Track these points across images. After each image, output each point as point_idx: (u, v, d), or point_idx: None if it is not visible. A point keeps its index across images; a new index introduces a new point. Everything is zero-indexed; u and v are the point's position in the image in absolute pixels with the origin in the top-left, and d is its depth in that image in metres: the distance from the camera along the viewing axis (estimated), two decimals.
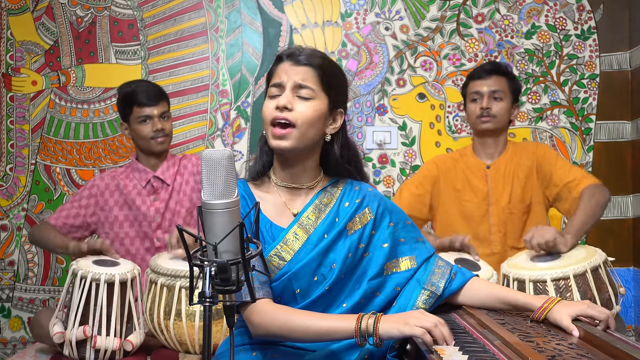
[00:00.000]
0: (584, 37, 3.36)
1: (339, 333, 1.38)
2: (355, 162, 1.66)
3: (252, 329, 1.45)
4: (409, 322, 1.32)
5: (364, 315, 1.37)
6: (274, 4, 3.32)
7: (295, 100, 1.52)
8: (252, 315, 1.43)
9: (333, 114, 1.59)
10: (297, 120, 1.51)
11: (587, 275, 2.01)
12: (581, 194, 2.42)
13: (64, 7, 3.29)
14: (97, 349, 2.13)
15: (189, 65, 3.30)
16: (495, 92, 2.61)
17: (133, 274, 2.22)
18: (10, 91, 3.27)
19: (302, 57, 1.55)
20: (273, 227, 1.56)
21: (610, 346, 1.20)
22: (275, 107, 1.52)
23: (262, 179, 1.63)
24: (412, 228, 1.64)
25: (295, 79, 1.53)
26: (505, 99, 2.62)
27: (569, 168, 2.57)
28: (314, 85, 1.53)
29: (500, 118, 2.61)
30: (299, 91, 1.53)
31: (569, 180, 2.49)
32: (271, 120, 1.52)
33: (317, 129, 1.55)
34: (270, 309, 1.43)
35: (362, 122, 3.31)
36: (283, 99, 1.51)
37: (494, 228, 2.60)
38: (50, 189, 3.25)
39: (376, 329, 1.33)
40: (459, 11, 3.35)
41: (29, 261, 3.24)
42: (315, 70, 1.54)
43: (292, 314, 1.43)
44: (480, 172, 2.65)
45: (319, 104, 1.54)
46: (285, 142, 1.51)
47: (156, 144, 2.69)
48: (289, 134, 1.51)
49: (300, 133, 1.51)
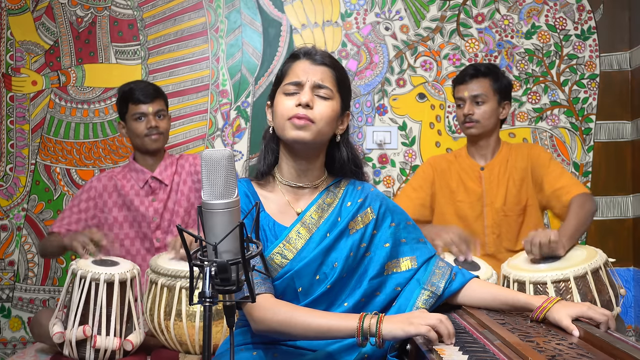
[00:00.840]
0: (584, 37, 3.36)
1: (340, 332, 1.38)
2: (358, 163, 1.67)
3: (253, 324, 1.45)
4: (414, 321, 1.32)
5: (366, 314, 1.37)
6: (274, 4, 3.32)
7: (315, 99, 1.54)
8: (254, 310, 1.43)
9: (343, 115, 1.62)
10: (316, 119, 1.52)
11: (588, 277, 2.01)
12: (570, 202, 2.40)
13: (64, 7, 3.29)
14: (97, 349, 2.13)
15: (189, 65, 3.30)
16: (477, 97, 2.58)
17: (132, 274, 2.22)
18: (10, 91, 3.27)
19: (318, 57, 1.57)
20: (276, 225, 1.56)
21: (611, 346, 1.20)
22: (296, 104, 1.52)
23: (267, 178, 1.63)
24: (413, 229, 1.64)
25: (315, 79, 1.54)
26: (488, 102, 2.58)
27: (560, 174, 2.55)
28: (331, 85, 1.56)
29: (484, 122, 2.59)
30: (318, 91, 1.54)
31: (558, 187, 2.48)
32: (291, 116, 1.53)
33: (331, 128, 1.58)
34: (272, 304, 1.43)
35: (362, 122, 3.31)
36: (305, 96, 1.52)
37: (488, 230, 2.60)
38: (50, 189, 3.25)
39: (379, 329, 1.33)
40: (459, 11, 3.35)
41: (29, 261, 3.24)
42: (332, 70, 1.57)
43: (294, 310, 1.43)
44: (475, 174, 2.65)
45: (335, 104, 1.57)
46: (305, 132, 1.52)
47: (150, 141, 2.69)
48: (308, 125, 1.52)
49: (318, 129, 1.53)
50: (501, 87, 2.61)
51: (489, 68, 2.65)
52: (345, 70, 1.65)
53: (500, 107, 2.63)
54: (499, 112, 2.62)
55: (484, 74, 2.60)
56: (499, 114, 2.63)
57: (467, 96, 2.60)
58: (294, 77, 1.56)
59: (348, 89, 1.63)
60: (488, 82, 2.60)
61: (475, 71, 2.62)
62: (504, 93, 2.63)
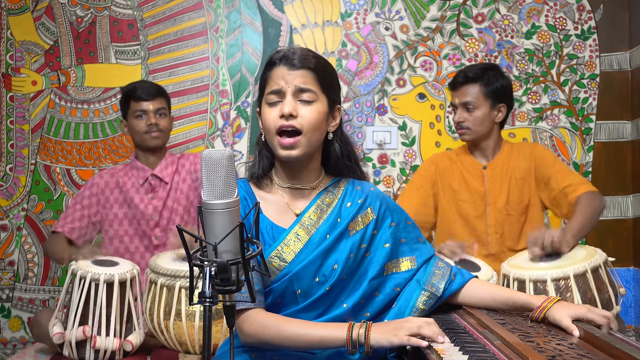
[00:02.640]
0: (584, 37, 3.36)
1: (331, 342, 1.39)
2: (354, 158, 1.64)
3: (243, 337, 1.45)
4: (398, 333, 1.34)
5: (354, 324, 1.38)
6: (274, 4, 3.32)
7: (299, 105, 1.50)
8: (244, 323, 1.43)
9: (333, 112, 1.58)
10: (303, 127, 1.49)
11: (588, 275, 2.01)
12: (578, 199, 2.40)
13: (64, 7, 3.28)
14: (97, 349, 2.13)
15: (189, 65, 3.30)
16: (467, 104, 2.55)
17: (132, 274, 2.22)
18: (10, 91, 3.27)
19: (296, 60, 1.51)
20: (274, 227, 1.55)
21: (611, 346, 1.20)
22: (279, 116, 1.49)
23: (264, 179, 1.61)
24: (412, 228, 1.63)
25: (295, 83, 1.49)
26: (479, 107, 2.55)
27: (567, 172, 2.55)
28: (314, 87, 1.51)
29: (475, 129, 2.57)
30: (301, 95, 1.50)
31: (566, 185, 2.48)
32: (277, 129, 1.49)
33: (321, 131, 1.54)
34: (261, 317, 1.43)
35: (362, 122, 3.31)
36: (287, 106, 1.48)
37: (491, 229, 2.59)
38: (50, 189, 3.25)
39: (367, 338, 1.35)
40: (459, 11, 3.35)
41: (29, 261, 3.24)
42: (312, 72, 1.51)
43: (284, 322, 1.43)
44: (477, 172, 2.64)
45: (320, 105, 1.52)
46: (294, 151, 1.49)
47: (150, 138, 2.71)
48: (297, 142, 1.48)
49: (307, 139, 1.49)
50: (494, 90, 2.55)
51: (480, 72, 2.58)
52: (329, 65, 1.58)
53: (495, 111, 2.57)
54: (493, 116, 2.58)
55: (473, 79, 2.55)
56: (494, 117, 2.58)
57: (457, 103, 2.58)
58: (274, 85, 1.51)
59: (334, 84, 1.58)
60: (478, 87, 2.55)
61: (464, 78, 2.58)
62: (498, 96, 2.56)
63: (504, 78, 2.61)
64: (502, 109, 2.59)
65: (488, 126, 2.58)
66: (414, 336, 1.33)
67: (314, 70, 1.51)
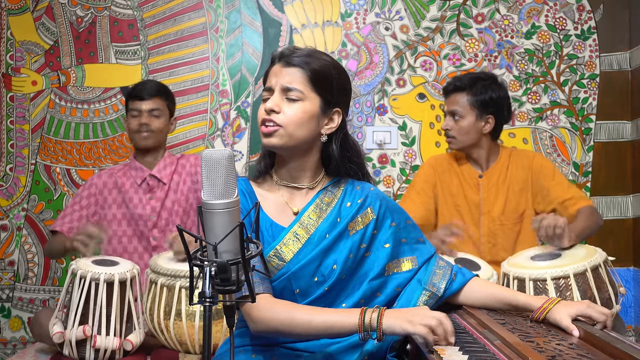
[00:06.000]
0: (584, 37, 3.36)
1: (342, 328, 1.37)
2: (358, 162, 1.64)
3: (252, 324, 1.43)
4: (413, 320, 1.31)
5: (367, 309, 1.37)
6: (274, 4, 3.32)
7: (284, 103, 1.53)
8: (252, 310, 1.42)
9: (328, 113, 1.58)
10: (283, 123, 1.51)
11: (587, 274, 2.01)
12: (579, 211, 2.41)
13: (64, 7, 3.29)
14: (97, 349, 2.13)
15: (189, 65, 3.30)
16: (454, 112, 2.53)
17: (132, 274, 2.22)
18: (10, 91, 3.27)
19: (292, 59, 1.54)
20: (273, 226, 1.55)
21: (611, 346, 1.20)
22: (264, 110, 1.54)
23: (265, 177, 1.63)
24: (412, 228, 1.63)
25: (283, 82, 1.53)
26: (466, 116, 2.51)
27: (567, 185, 2.54)
28: (301, 86, 1.52)
29: (460, 138, 2.53)
30: (287, 93, 1.53)
31: (567, 198, 2.47)
32: (260, 122, 1.55)
33: (308, 129, 1.54)
34: (271, 303, 1.42)
35: (362, 122, 3.31)
36: (270, 102, 1.53)
37: (484, 238, 2.57)
38: (50, 189, 3.25)
39: (380, 323, 1.33)
40: (459, 11, 3.35)
41: (29, 261, 3.24)
42: (304, 71, 1.53)
43: (294, 308, 1.42)
44: (473, 181, 2.61)
45: (308, 105, 1.53)
46: (273, 139, 1.52)
47: (139, 138, 2.71)
48: (275, 130, 1.52)
49: (287, 132, 1.52)
50: (482, 101, 2.50)
51: (470, 82, 2.53)
52: (332, 68, 1.58)
53: (482, 122, 2.52)
54: (480, 126, 2.52)
55: (462, 88, 2.52)
56: (480, 128, 2.53)
57: (446, 110, 2.57)
58: (267, 82, 1.57)
59: (333, 86, 1.57)
60: (466, 96, 2.51)
61: (454, 86, 2.55)
62: (486, 107, 2.50)
63: (495, 90, 2.53)
64: (489, 120, 2.53)
65: (474, 137, 2.54)
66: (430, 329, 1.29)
67: (305, 69, 1.53)
